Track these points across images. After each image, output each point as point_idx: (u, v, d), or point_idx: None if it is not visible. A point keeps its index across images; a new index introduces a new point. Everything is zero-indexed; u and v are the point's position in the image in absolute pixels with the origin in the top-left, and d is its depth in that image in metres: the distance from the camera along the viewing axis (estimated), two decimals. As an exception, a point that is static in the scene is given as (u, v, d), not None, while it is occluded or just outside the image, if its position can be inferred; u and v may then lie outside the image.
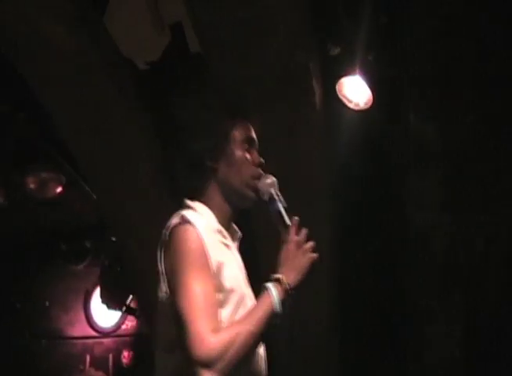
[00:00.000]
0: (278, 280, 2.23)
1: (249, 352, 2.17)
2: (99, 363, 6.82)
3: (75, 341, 6.94)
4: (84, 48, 4.53)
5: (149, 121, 5.00)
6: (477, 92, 3.79)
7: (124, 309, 6.43)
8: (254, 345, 2.19)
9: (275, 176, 2.43)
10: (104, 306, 6.49)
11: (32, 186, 6.14)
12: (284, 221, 2.34)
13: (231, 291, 2.26)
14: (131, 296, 6.36)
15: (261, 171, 2.42)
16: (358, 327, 5.19)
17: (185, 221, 2.24)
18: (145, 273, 5.60)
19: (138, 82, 4.89)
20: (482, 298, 4.57)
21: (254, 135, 2.46)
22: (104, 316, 6.84)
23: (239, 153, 2.40)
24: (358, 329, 5.17)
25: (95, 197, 5.88)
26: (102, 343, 6.89)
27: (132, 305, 6.44)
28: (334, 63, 4.33)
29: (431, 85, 3.81)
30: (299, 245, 2.27)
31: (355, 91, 4.27)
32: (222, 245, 2.34)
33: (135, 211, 5.35)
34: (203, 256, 2.20)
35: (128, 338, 6.86)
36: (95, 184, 5.54)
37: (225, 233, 2.38)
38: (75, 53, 4.52)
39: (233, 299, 2.26)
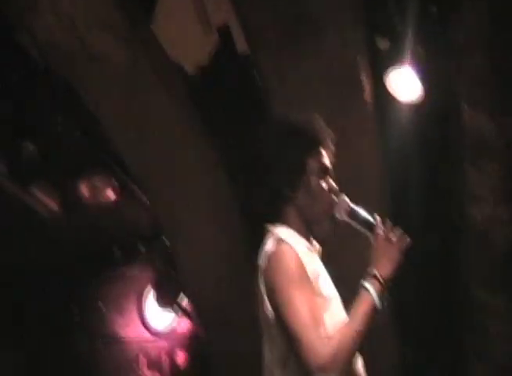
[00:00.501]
0: (374, 276, 2.35)
1: (358, 347, 2.31)
2: (153, 364, 6.86)
3: (130, 342, 6.96)
4: (135, 57, 4.54)
5: (204, 130, 5.01)
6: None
7: (178, 310, 6.48)
8: (362, 343, 2.31)
9: None
10: (158, 307, 6.56)
11: (85, 191, 6.21)
12: (369, 224, 2.47)
13: (328, 297, 2.41)
14: (183, 296, 6.40)
15: (336, 198, 2.53)
16: (418, 325, 5.16)
17: (280, 242, 2.38)
18: (196, 278, 5.66)
19: (190, 89, 4.90)
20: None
21: (328, 163, 2.56)
22: (158, 317, 6.85)
23: (315, 182, 2.51)
24: (419, 329, 5.14)
25: (148, 202, 5.91)
26: (156, 344, 6.91)
27: (185, 306, 6.48)
28: (384, 57, 4.30)
29: (485, 75, 3.75)
30: (387, 238, 2.41)
31: (406, 84, 4.22)
32: (313, 258, 2.47)
33: (188, 219, 5.36)
34: (303, 270, 2.34)
35: (182, 339, 6.87)
36: (148, 190, 5.56)
37: (310, 247, 2.51)
38: (127, 63, 4.54)
39: (331, 305, 2.41)
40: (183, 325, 6.86)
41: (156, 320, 6.89)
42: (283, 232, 2.44)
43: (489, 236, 4.38)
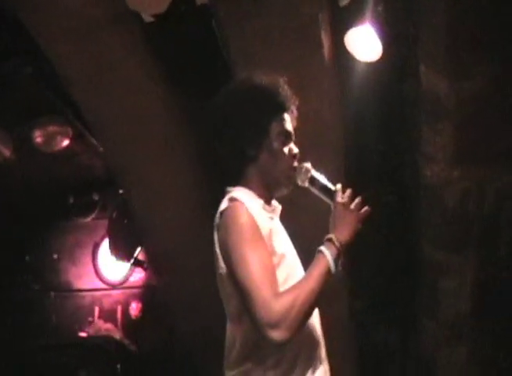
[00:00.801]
0: (330, 240, 2.42)
1: (311, 309, 2.34)
2: (107, 314, 6.87)
3: (84, 293, 7.00)
4: (93, 2, 4.48)
5: (160, 76, 4.98)
6: (490, 46, 3.76)
7: (132, 260, 6.49)
8: (315, 303, 2.34)
9: None
10: (112, 258, 6.56)
11: (39, 139, 6.16)
12: (329, 191, 2.54)
13: (283, 255, 2.44)
14: (139, 248, 6.42)
15: (296, 162, 2.59)
16: (370, 278, 5.26)
17: (232, 200, 2.43)
18: (151, 226, 5.69)
19: (148, 37, 4.85)
20: (494, 252, 4.62)
21: (290, 127, 2.62)
22: (112, 268, 6.89)
23: (276, 145, 2.57)
24: (370, 281, 5.24)
25: (102, 149, 5.88)
26: (110, 295, 6.94)
27: (140, 257, 6.50)
28: (344, 14, 4.30)
29: (443, 37, 3.77)
30: (346, 206, 2.49)
31: (365, 42, 4.21)
32: (268, 217, 2.51)
33: (141, 164, 5.38)
34: (255, 227, 2.37)
35: (136, 290, 6.91)
36: (103, 137, 5.53)
37: (267, 207, 2.56)
38: (82, 6, 4.48)
39: (286, 263, 2.45)
40: (137, 276, 6.90)
41: (111, 271, 6.93)
42: (237, 192, 2.49)
43: (441, 195, 4.45)
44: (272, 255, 2.38)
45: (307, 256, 2.50)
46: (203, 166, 5.28)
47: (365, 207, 2.52)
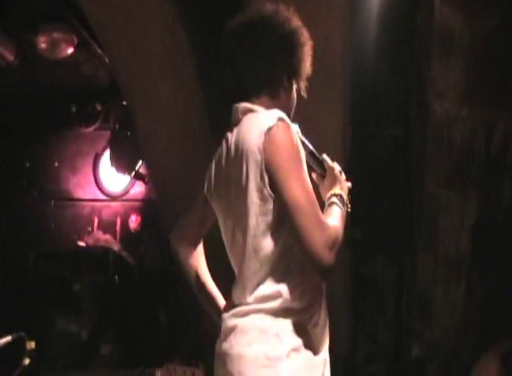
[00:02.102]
0: (340, 196, 2.54)
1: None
2: (106, 226, 6.98)
3: (83, 203, 7.07)
4: None
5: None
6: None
7: (132, 173, 6.56)
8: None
9: None
10: (113, 170, 6.63)
11: (43, 45, 6.13)
12: (317, 158, 2.61)
13: None
14: (140, 161, 6.47)
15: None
16: (370, 208, 5.32)
17: (281, 119, 2.39)
18: (154, 140, 5.73)
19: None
20: (496, 193, 4.66)
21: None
22: (113, 180, 6.95)
23: (295, 94, 2.61)
24: (370, 211, 5.30)
25: (106, 60, 5.88)
26: (110, 207, 7.02)
27: (141, 170, 6.57)
28: None
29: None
30: (340, 173, 2.62)
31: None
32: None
33: (147, 78, 5.39)
34: (302, 153, 2.41)
35: (136, 203, 6.99)
36: (108, 48, 5.52)
37: None
38: None
39: None
40: (138, 189, 6.97)
41: (111, 182, 6.99)
42: (280, 113, 2.44)
43: (448, 132, 4.46)
44: None
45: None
46: (206, 86, 5.30)
47: (349, 183, 2.64)
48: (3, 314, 5.86)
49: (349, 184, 2.64)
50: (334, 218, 2.43)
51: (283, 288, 2.37)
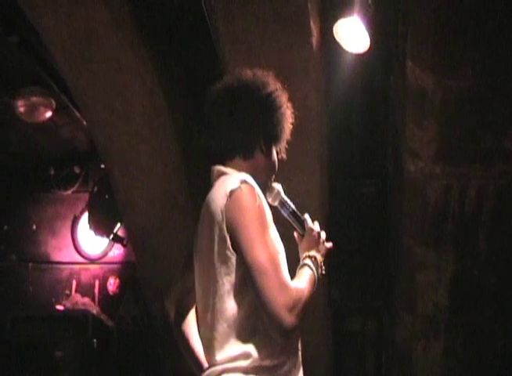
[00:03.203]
0: (314, 258, 2.56)
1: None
2: (85, 289, 7.01)
3: (62, 266, 7.11)
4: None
5: (146, 55, 5.09)
6: (478, 46, 3.86)
7: (111, 236, 6.63)
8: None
9: None
10: (92, 233, 6.70)
11: (22, 109, 6.25)
12: (298, 218, 2.67)
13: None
14: (119, 224, 6.55)
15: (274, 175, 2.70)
16: (348, 267, 5.41)
17: (243, 182, 2.44)
18: (133, 202, 5.82)
19: (135, 13, 4.96)
20: (472, 249, 4.76)
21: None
22: (91, 242, 7.01)
23: (275, 155, 2.68)
24: (348, 270, 5.38)
25: (85, 123, 5.99)
26: (88, 269, 7.06)
27: (120, 233, 6.65)
28: (333, 5, 4.40)
29: (432, 35, 3.87)
30: (319, 235, 2.63)
31: (353, 34, 4.31)
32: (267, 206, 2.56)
33: (125, 140, 5.50)
34: (265, 213, 2.44)
35: (114, 266, 7.04)
36: (87, 111, 5.63)
37: None
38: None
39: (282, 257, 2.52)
40: (117, 252, 7.03)
41: (90, 245, 7.05)
42: (245, 175, 2.49)
43: (423, 190, 4.58)
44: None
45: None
46: (184, 148, 5.42)
47: (330, 243, 2.65)
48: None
49: (329, 245, 2.65)
50: (302, 280, 2.45)
51: (251, 348, 2.39)
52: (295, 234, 2.67)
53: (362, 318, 5.73)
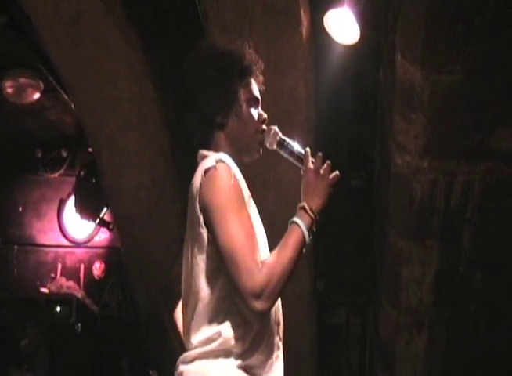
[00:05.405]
0: (303, 209, 2.46)
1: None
2: (70, 272, 7.05)
3: (47, 249, 7.15)
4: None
5: (136, 42, 5.10)
6: (468, 41, 3.87)
7: (97, 220, 6.65)
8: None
9: None
10: (78, 216, 6.72)
11: (10, 90, 6.26)
12: (299, 155, 2.59)
13: (257, 225, 2.49)
14: (105, 208, 6.57)
15: (265, 126, 2.65)
16: (334, 259, 5.44)
17: (219, 161, 2.44)
18: (119, 187, 5.83)
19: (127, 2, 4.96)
20: (457, 244, 4.79)
21: (258, 93, 2.67)
22: (77, 226, 7.06)
23: (246, 111, 2.62)
24: (334, 263, 5.41)
25: (73, 106, 6.00)
26: (74, 253, 7.10)
27: (106, 217, 6.66)
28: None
29: (422, 29, 3.88)
30: (316, 171, 2.53)
31: (343, 25, 4.32)
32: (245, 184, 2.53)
33: (113, 126, 5.51)
34: (241, 192, 2.42)
35: (100, 250, 7.09)
36: (75, 95, 5.64)
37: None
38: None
39: (259, 234, 2.49)
40: (103, 236, 7.08)
41: (76, 229, 7.10)
42: (222, 155, 2.48)
43: (410, 184, 4.60)
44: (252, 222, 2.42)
45: (272, 234, 2.56)
46: (172, 134, 5.43)
47: (335, 172, 2.55)
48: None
49: (332, 176, 2.54)
50: (282, 249, 2.38)
51: (224, 329, 2.39)
52: (302, 173, 2.58)
53: (347, 311, 5.75)
